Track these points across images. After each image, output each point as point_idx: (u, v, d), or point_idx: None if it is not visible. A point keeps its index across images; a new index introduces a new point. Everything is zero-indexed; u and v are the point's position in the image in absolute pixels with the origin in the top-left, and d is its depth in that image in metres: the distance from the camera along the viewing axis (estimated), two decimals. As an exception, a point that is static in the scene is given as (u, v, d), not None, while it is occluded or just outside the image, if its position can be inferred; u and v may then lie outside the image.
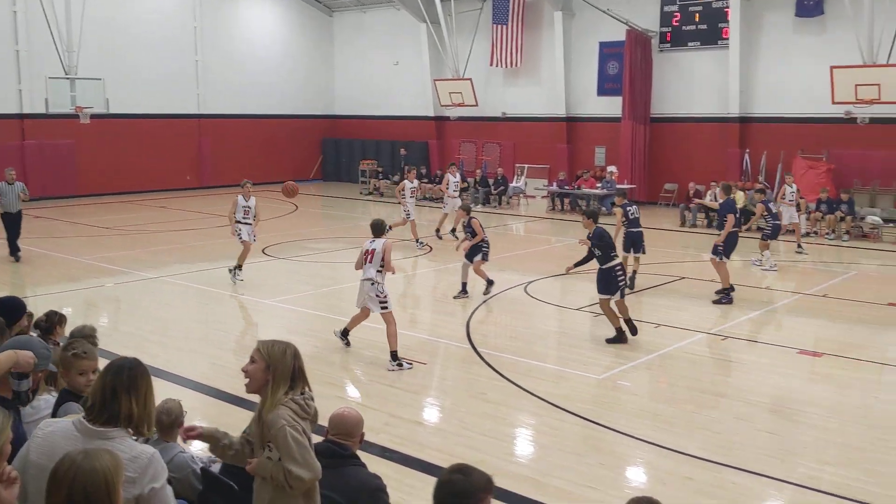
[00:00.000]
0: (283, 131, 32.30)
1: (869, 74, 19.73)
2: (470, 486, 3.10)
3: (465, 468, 3.20)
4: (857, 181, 21.40)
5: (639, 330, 10.58)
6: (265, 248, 17.70)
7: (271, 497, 3.74)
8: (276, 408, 3.69)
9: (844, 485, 6.49)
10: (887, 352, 10.57)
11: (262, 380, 3.74)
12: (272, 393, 3.73)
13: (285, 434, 3.63)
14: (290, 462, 3.61)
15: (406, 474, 6.66)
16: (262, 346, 3.80)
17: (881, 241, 19.17)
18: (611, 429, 7.70)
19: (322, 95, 34.13)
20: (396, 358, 9.43)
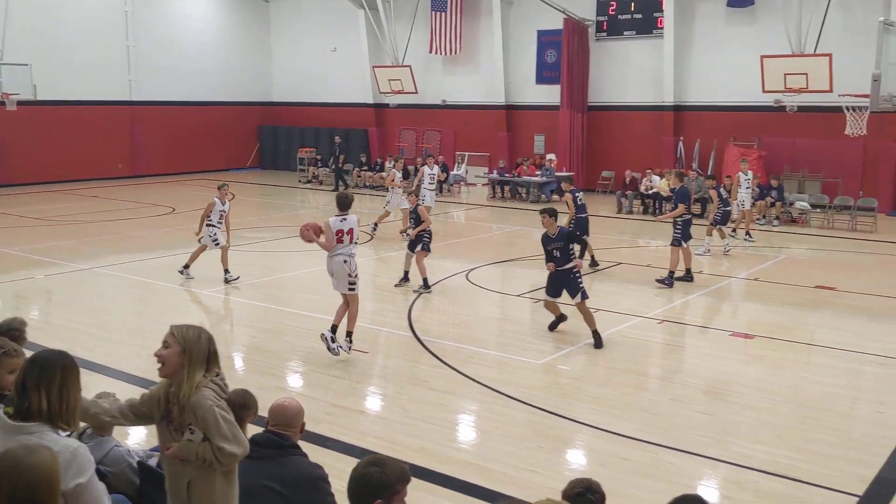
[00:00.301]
0: (219, 118, 31.69)
1: (797, 64, 20.32)
2: (386, 479, 3.07)
3: (380, 460, 3.17)
4: (787, 168, 22.09)
5: (574, 317, 10.71)
6: (201, 237, 17.36)
7: (192, 480, 3.76)
8: (199, 390, 3.71)
9: (776, 462, 6.71)
10: (816, 333, 10.94)
11: (176, 364, 3.74)
12: (189, 377, 3.73)
13: (214, 413, 3.66)
14: (222, 440, 3.65)
15: (348, 463, 6.54)
16: (177, 331, 3.79)
17: (809, 226, 19.81)
18: (551, 413, 7.80)
19: (258, 82, 33.57)
20: (350, 338, 9.31)
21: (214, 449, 3.66)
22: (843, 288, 13.12)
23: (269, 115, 33.85)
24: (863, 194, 20.52)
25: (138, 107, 29.36)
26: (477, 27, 27.89)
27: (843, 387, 8.74)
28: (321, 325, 10.73)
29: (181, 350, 3.74)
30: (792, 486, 6.29)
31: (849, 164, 21.59)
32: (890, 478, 6.45)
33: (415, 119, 30.08)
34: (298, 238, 9.48)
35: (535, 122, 27.17)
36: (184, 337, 3.76)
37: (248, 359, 9.66)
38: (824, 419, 7.68)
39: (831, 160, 21.75)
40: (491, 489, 6.15)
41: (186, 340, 3.76)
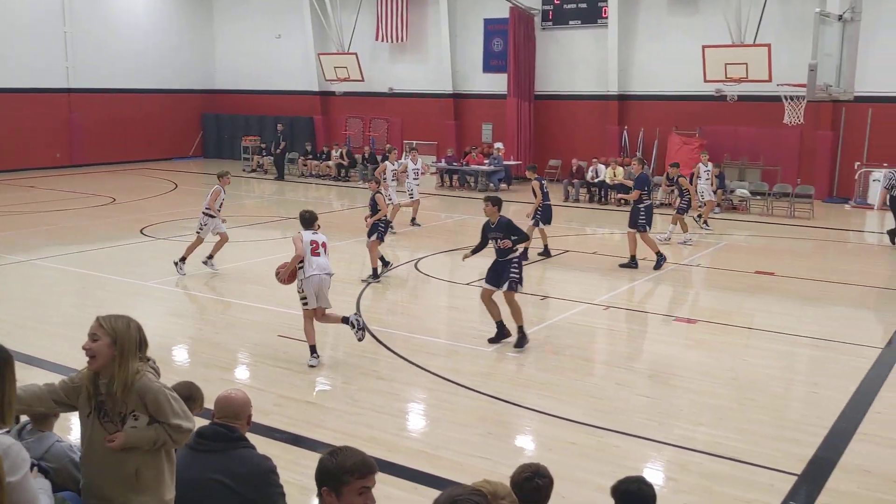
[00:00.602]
0: (160, 106, 31.01)
1: (737, 54, 20.76)
2: (335, 467, 3.07)
3: (340, 450, 3.16)
4: (727, 156, 22.57)
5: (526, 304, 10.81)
6: (143, 228, 17.06)
7: (140, 467, 3.75)
8: (142, 375, 3.72)
9: (716, 443, 6.89)
10: (754, 317, 11.24)
11: (108, 356, 3.70)
12: (123, 367, 3.70)
13: (165, 394, 3.74)
14: (175, 417, 3.72)
15: (298, 454, 6.61)
16: (105, 322, 3.74)
17: (749, 213, 20.30)
18: (500, 399, 7.87)
19: (201, 69, 32.92)
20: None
21: (169, 429, 3.71)
22: (781, 273, 13.49)
23: (212, 103, 33.25)
24: (800, 182, 21.10)
25: (76, 94, 28.56)
26: (424, 15, 27.80)
27: (781, 369, 9.00)
28: (268, 317, 10.65)
29: (111, 341, 3.70)
30: (734, 466, 6.47)
31: (787, 152, 22.18)
32: (826, 457, 6.67)
33: (361, 107, 29.88)
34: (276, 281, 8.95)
35: (482, 110, 27.23)
36: (113, 328, 3.72)
37: (194, 351, 9.52)
38: (763, 401, 7.91)
39: (770, 148, 22.31)
40: (440, 477, 6.19)
41: (116, 331, 3.72)
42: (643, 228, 13.53)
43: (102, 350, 3.70)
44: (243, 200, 22.86)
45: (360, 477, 3.07)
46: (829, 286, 12.79)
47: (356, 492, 3.07)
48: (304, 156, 27.94)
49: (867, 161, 21.29)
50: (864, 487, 6.13)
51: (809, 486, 6.21)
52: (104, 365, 3.72)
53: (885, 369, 8.80)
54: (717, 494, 6.02)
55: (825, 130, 21.76)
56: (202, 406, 4.68)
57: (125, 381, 3.68)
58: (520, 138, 25.51)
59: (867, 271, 13.93)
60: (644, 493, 3.72)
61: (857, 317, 11.16)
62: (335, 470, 3.07)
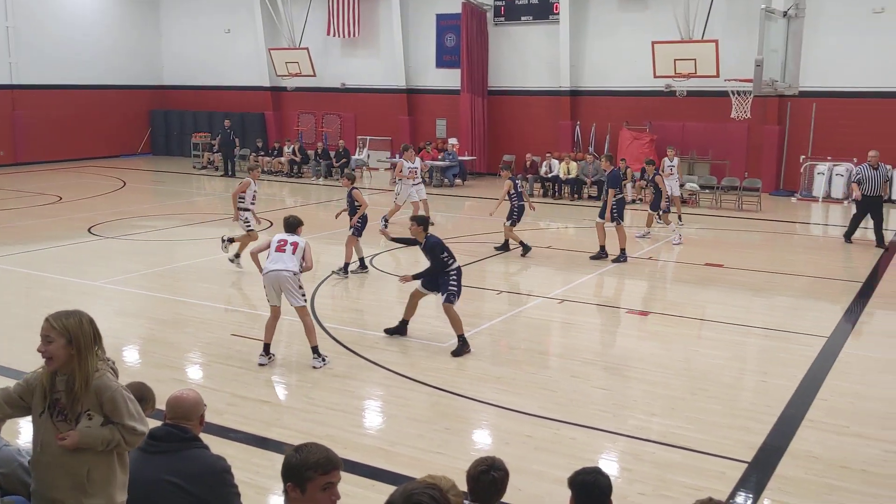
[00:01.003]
0: (107, 103, 30.33)
1: (686, 50, 21.08)
2: (298, 463, 3.12)
3: (305, 446, 3.21)
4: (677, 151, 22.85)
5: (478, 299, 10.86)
6: (91, 227, 16.69)
7: (89, 468, 3.70)
8: (102, 374, 3.68)
9: (670, 433, 7.00)
10: (705, 309, 11.44)
11: (65, 355, 3.65)
12: (83, 364, 3.65)
13: (122, 394, 3.70)
14: (130, 419, 3.69)
15: (252, 454, 6.54)
16: (56, 322, 3.67)
17: (698, 207, 20.63)
18: (456, 394, 7.89)
19: (148, 64, 32.27)
20: (318, 352, 8.67)
21: (123, 430, 3.67)
22: (730, 265, 13.75)
23: (161, 99, 32.66)
24: (748, 175, 21.51)
25: (20, 91, 27.80)
26: (376, 10, 27.66)
27: (731, 359, 9.17)
28: (220, 315, 10.53)
29: (66, 341, 3.64)
30: (686, 455, 6.58)
31: (735, 146, 22.61)
32: (775, 444, 6.82)
33: (313, 102, 29.64)
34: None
35: (436, 105, 27.20)
36: (65, 326, 3.65)
37: (145, 351, 9.35)
38: (714, 390, 8.05)
39: (719, 143, 22.72)
40: (398, 473, 6.18)
41: (69, 329, 3.65)
42: (618, 222, 13.77)
43: (59, 351, 3.64)
44: (193, 198, 22.53)
45: (323, 473, 3.12)
46: (777, 277, 13.08)
47: (320, 487, 3.12)
48: (256, 152, 27.61)
49: (812, 155, 21.81)
50: (811, 473, 6.29)
51: (759, 472, 6.34)
52: (63, 365, 3.66)
53: (830, 357, 9.03)
54: (670, 483, 6.12)
55: (771, 125, 22.22)
56: (154, 407, 4.60)
57: (86, 377, 3.64)
58: (474, 133, 25.56)
59: (813, 262, 14.28)
60: (600, 484, 3.76)
61: (804, 307, 11.43)
62: (299, 466, 3.11)
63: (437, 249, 9.15)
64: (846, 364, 8.84)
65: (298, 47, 27.83)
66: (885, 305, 11.46)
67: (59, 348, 3.64)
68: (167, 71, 32.82)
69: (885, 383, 8.30)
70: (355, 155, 26.98)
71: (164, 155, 31.94)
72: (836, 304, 11.28)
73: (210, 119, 30.83)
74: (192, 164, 28.65)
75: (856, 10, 20.77)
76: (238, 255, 13.08)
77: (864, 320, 10.66)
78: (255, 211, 13.22)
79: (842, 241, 15.90)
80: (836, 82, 21.15)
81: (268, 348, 8.72)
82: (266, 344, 8.72)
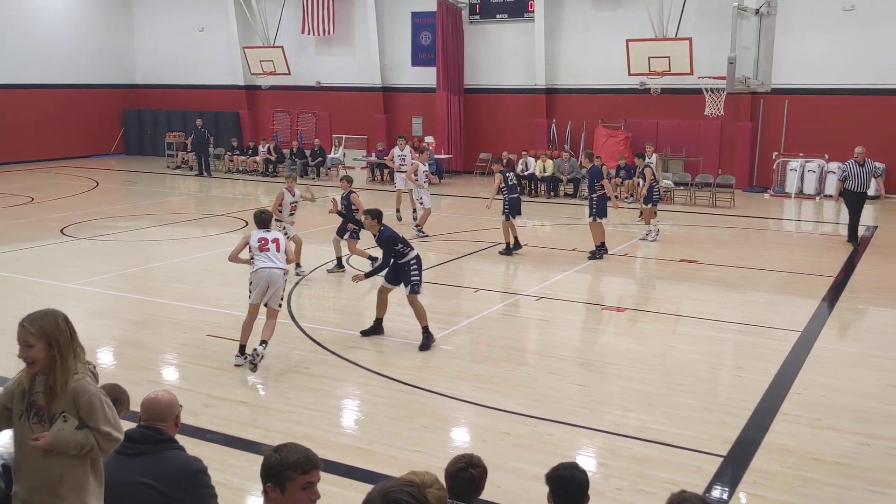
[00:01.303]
0: (79, 102, 29.97)
1: (660, 48, 21.22)
2: (278, 463, 3.13)
3: (284, 446, 3.22)
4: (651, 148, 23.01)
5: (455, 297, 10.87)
6: (63, 227, 16.49)
7: (63, 471, 3.65)
8: (81, 377, 3.64)
9: (646, 428, 7.05)
10: (680, 304, 11.52)
11: (46, 358, 3.61)
12: (64, 365, 3.62)
13: (100, 400, 3.65)
14: (106, 424, 3.64)
15: (229, 454, 6.50)
16: (33, 327, 3.62)
17: (673, 203, 20.77)
18: (434, 392, 7.88)
19: (120, 63, 31.92)
20: (262, 348, 8.48)
21: (98, 435, 3.62)
22: (704, 261, 13.86)
23: (134, 98, 32.32)
24: (721, 172, 21.70)
25: (-12, 89, 27.43)
26: (350, 8, 27.57)
27: (706, 354, 9.25)
28: (195, 315, 10.45)
29: (46, 344, 3.59)
30: (662, 450, 6.62)
31: (708, 143, 22.81)
32: (750, 438, 6.89)
33: (288, 101, 29.49)
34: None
35: (412, 104, 27.16)
36: (42, 329, 3.61)
37: (119, 353, 9.25)
38: (690, 385, 8.11)
39: (692, 140, 22.90)
40: (374, 471, 6.16)
41: (47, 332, 3.61)
42: (597, 217, 13.89)
43: (40, 355, 3.60)
44: (167, 198, 22.33)
45: (303, 472, 3.13)
46: (751, 273, 13.21)
47: (300, 487, 3.13)
48: (230, 151, 27.42)
49: (784, 151, 22.06)
50: (785, 466, 6.36)
51: (735, 466, 6.40)
52: (45, 367, 3.62)
53: (803, 352, 9.13)
54: (647, 478, 6.16)
55: (744, 122, 22.44)
56: (128, 408, 4.56)
57: (67, 376, 3.60)
58: (450, 131, 25.56)
59: (785, 257, 14.44)
60: (577, 479, 3.78)
61: (778, 302, 11.55)
62: (279, 466, 3.12)
63: (391, 242, 9.23)
64: (819, 358, 8.95)
65: (273, 45, 27.67)
66: (857, 300, 11.61)
67: (40, 352, 3.59)
68: (140, 70, 32.49)
69: (857, 376, 8.41)
70: (331, 154, 26.87)
71: (138, 154, 31.62)
72: (809, 299, 11.41)
73: (184, 118, 30.56)
74: (166, 164, 28.38)
75: (826, 7, 21.03)
76: (298, 264, 12.61)
77: (836, 315, 10.80)
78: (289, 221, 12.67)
79: (814, 237, 16.08)
80: (808, 79, 21.41)
81: (244, 349, 8.65)
82: (242, 345, 8.66)
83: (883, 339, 10.01)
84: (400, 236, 9.45)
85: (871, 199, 20.64)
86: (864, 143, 20.37)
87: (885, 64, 20.57)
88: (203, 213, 19.45)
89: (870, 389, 8.01)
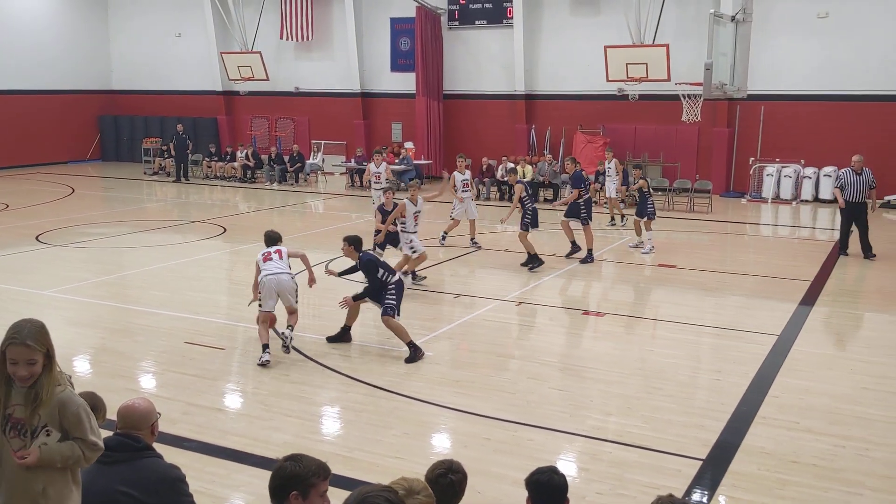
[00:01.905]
0: (54, 108, 29.65)
1: (638, 54, 21.35)
2: (301, 471, 3.24)
3: (298, 455, 3.34)
4: (630, 154, 23.21)
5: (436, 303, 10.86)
6: (39, 234, 16.31)
7: (45, 484, 3.60)
8: (64, 388, 3.62)
9: (626, 432, 7.08)
10: (659, 309, 11.60)
11: (38, 369, 3.57)
12: (51, 374, 3.58)
13: (86, 410, 3.65)
14: (91, 434, 3.63)
15: (207, 462, 6.45)
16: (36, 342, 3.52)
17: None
18: (414, 398, 7.87)
19: (96, 69, 31.61)
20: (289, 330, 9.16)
21: (84, 446, 3.60)
22: (682, 265, 13.95)
23: (110, 104, 32.04)
24: (699, 177, 21.87)
25: (-39, 95, 27.09)
26: (329, 13, 27.53)
27: (685, 358, 9.31)
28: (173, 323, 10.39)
29: (44, 355, 3.56)
30: (642, 454, 6.65)
31: (686, 149, 22.99)
32: (729, 441, 6.94)
33: (267, 107, 29.37)
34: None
35: (391, 109, 27.15)
36: (41, 342, 3.54)
37: (96, 361, 9.15)
38: (668, 389, 8.16)
39: (670, 146, 23.08)
40: (354, 478, 6.13)
41: (45, 343, 3.56)
42: (585, 221, 13.99)
43: (39, 368, 3.55)
44: (144, 204, 22.17)
45: (324, 478, 3.32)
46: (728, 277, 13.31)
47: (320, 493, 3.30)
48: (208, 157, 27.26)
49: (761, 156, 22.27)
50: (764, 469, 6.40)
51: (714, 469, 6.44)
52: (35, 377, 3.56)
53: (781, 355, 9.21)
54: (628, 482, 6.18)
55: (721, 127, 22.64)
56: (105, 417, 4.52)
57: (53, 386, 3.56)
58: (430, 137, 25.56)
59: (762, 262, 14.57)
60: (555, 483, 3.78)
61: (755, 305, 11.64)
62: (304, 474, 3.26)
63: (372, 268, 9.09)
64: (796, 361, 9.03)
65: (251, 51, 27.56)
66: (833, 303, 11.74)
67: (40, 366, 3.55)
68: (116, 75, 32.23)
69: (833, 379, 8.50)
70: (310, 159, 26.79)
71: (114, 161, 31.35)
72: (785, 303, 11.52)
73: (161, 124, 30.36)
74: (144, 170, 28.15)
75: (801, 15, 21.30)
76: (415, 275, 12.50)
77: (812, 318, 10.90)
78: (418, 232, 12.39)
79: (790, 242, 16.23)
80: (783, 85, 21.65)
81: (267, 347, 8.80)
82: (265, 344, 8.80)
83: (857, 342, 10.15)
84: (382, 262, 9.39)
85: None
86: (839, 148, 20.74)
87: (859, 70, 20.86)
88: (181, 220, 19.31)
89: (845, 392, 8.10)
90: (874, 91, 20.74)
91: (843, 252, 14.75)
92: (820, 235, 16.04)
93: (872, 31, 20.62)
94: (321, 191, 24.96)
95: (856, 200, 14.52)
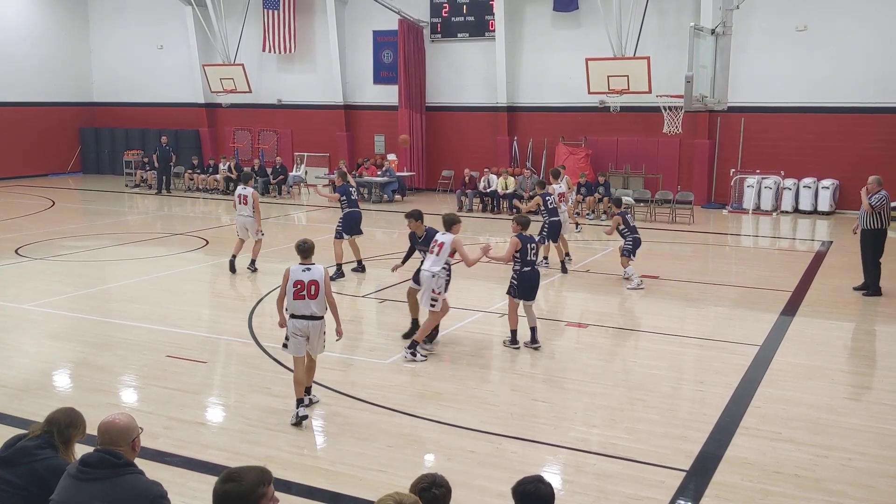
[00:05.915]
0: (34, 120, 29.47)
1: (619, 66, 21.52)
2: (245, 490, 3.17)
3: (235, 474, 3.25)
4: (612, 165, 23.36)
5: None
6: (18, 248, 16.15)
7: None
8: None
9: (609, 444, 7.08)
10: (641, 319, 11.63)
11: None
12: None
13: None
14: None
15: (189, 477, 6.38)
16: None
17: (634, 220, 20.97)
18: (398, 411, 7.84)
19: (77, 81, 31.47)
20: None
21: None
22: (664, 276, 14.02)
23: (91, 116, 31.87)
24: (680, 188, 22.04)
25: (-61, 107, 26.83)
26: (312, 25, 27.55)
27: (667, 369, 9.33)
28: (155, 336, 10.31)
29: None
30: (626, 465, 6.65)
31: (667, 160, 23.15)
32: (712, 452, 6.95)
33: (249, 119, 29.31)
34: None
35: (374, 121, 27.17)
36: None
37: (76, 375, 9.04)
38: (651, 400, 8.18)
39: (652, 157, 23.24)
40: (337, 492, 6.10)
41: None
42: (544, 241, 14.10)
43: None
44: (125, 217, 22.01)
45: (268, 484, 3.25)
46: (710, 288, 13.38)
47: (269, 499, 3.25)
48: (191, 169, 27.14)
49: (741, 168, 22.46)
50: (747, 479, 6.42)
51: (697, 480, 6.45)
52: None
53: (763, 365, 9.26)
54: (611, 494, 6.18)
55: (702, 139, 22.83)
56: (84, 432, 4.47)
57: None
58: (412, 149, 25.60)
59: (743, 273, 14.67)
60: (541, 492, 3.78)
61: (737, 316, 11.70)
62: (249, 490, 3.20)
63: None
64: (778, 371, 9.09)
65: (233, 63, 27.53)
66: (813, 314, 11.83)
67: None
68: (97, 87, 32.07)
69: (814, 389, 8.55)
70: (293, 171, 26.74)
71: (95, 173, 31.15)
72: (767, 313, 11.59)
73: (143, 136, 30.22)
74: (125, 183, 27.98)
75: (780, 27, 21.56)
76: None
77: (793, 328, 10.97)
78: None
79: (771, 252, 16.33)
80: (763, 97, 21.88)
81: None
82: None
83: (838, 352, 10.22)
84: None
85: (826, 214, 21.20)
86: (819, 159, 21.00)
87: (838, 82, 21.12)
88: (162, 232, 19.19)
89: (826, 402, 8.15)
90: (853, 103, 21.01)
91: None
92: (800, 246, 16.18)
93: (850, 43, 20.90)
94: (304, 203, 24.91)
95: (874, 227, 12.66)
